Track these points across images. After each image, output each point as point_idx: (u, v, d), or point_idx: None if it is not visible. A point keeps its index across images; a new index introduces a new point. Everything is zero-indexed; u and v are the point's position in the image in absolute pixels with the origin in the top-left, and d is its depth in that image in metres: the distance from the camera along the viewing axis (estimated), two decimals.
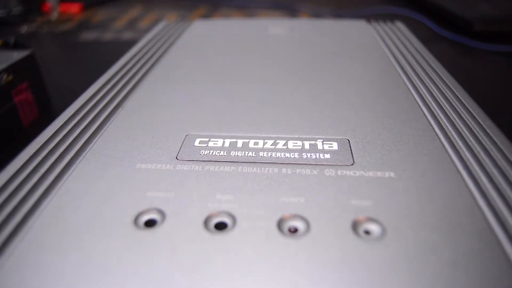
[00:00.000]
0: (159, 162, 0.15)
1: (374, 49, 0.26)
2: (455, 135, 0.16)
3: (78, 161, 0.15)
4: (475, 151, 0.15)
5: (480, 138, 0.16)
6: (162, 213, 0.12)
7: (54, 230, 0.12)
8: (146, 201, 0.13)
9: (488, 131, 0.16)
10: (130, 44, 0.41)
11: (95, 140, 0.16)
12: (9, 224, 0.12)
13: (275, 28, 0.31)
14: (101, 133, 0.17)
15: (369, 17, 0.46)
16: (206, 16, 0.52)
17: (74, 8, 0.52)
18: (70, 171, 0.14)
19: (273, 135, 0.16)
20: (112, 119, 0.18)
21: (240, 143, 0.16)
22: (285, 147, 0.15)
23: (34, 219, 0.12)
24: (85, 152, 0.15)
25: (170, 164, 0.14)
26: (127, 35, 0.44)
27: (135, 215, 0.12)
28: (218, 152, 0.15)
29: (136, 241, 0.11)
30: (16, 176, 0.14)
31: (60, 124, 0.17)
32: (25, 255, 0.11)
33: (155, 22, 0.48)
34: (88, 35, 0.44)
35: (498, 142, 0.15)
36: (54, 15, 0.48)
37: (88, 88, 0.21)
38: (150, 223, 0.12)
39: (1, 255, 0.11)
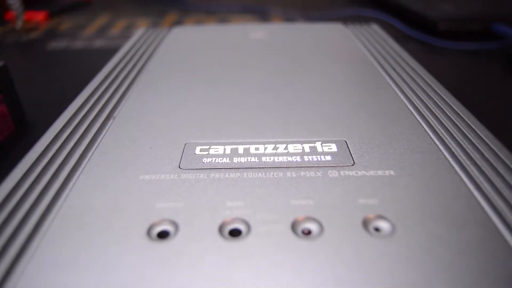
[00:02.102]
0: (163, 172, 0.14)
1: (355, 51, 0.27)
2: (443, 131, 0.17)
3: (77, 176, 0.14)
4: (464, 146, 0.16)
5: (466, 132, 0.17)
6: (174, 223, 0.12)
7: (63, 249, 0.11)
8: (156, 213, 0.12)
9: (472, 125, 0.17)
10: (103, 52, 0.40)
11: (91, 153, 0.16)
12: (12, 246, 0.11)
13: (255, 32, 0.31)
14: (95, 145, 0.16)
15: (339, 20, 0.47)
16: (178, 22, 0.51)
17: (39, 16, 0.50)
18: (70, 187, 0.14)
19: (272, 140, 0.16)
20: (104, 130, 0.17)
21: (241, 149, 0.16)
22: (286, 151, 0.16)
23: (39, 239, 0.12)
24: (82, 166, 0.15)
25: (174, 174, 0.14)
26: (99, 43, 0.43)
27: (147, 227, 0.12)
28: (220, 159, 0.15)
29: (154, 253, 0.11)
30: (12, 195, 0.13)
31: (51, 138, 0.17)
32: (35, 276, 0.10)
33: (126, 29, 0.47)
34: (57, 44, 0.42)
35: (482, 135, 0.16)
36: (19, 24, 0.46)
37: (74, 99, 0.20)
38: (163, 235, 0.12)
39: (10, 279, 0.10)
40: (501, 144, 0.16)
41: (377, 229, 0.12)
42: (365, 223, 0.12)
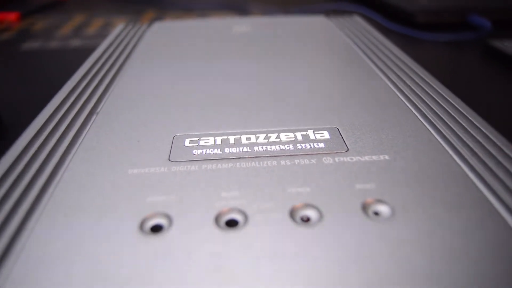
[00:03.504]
0: (152, 166, 0.14)
1: (339, 41, 0.27)
2: (433, 115, 0.17)
3: (61, 172, 0.14)
4: (454, 128, 0.16)
5: (455, 116, 0.17)
6: (168, 217, 0.12)
7: (51, 250, 0.11)
8: (148, 207, 0.12)
9: (459, 108, 0.17)
10: (79, 51, 0.39)
11: (75, 149, 0.15)
12: None
13: (239, 26, 0.31)
14: (79, 141, 0.16)
15: (319, 14, 0.47)
16: (156, 20, 0.50)
17: (11, 17, 0.48)
18: (54, 184, 0.13)
19: (263, 129, 0.16)
20: (88, 126, 0.17)
21: (232, 139, 0.15)
22: (278, 139, 0.15)
23: (24, 240, 0.11)
24: (67, 163, 0.14)
25: (164, 167, 0.14)
26: (75, 43, 0.41)
27: (140, 221, 0.11)
28: (211, 150, 0.15)
29: (148, 247, 0.10)
30: None
31: (31, 136, 0.16)
32: (23, 276, 0.10)
33: (103, 29, 0.46)
34: (31, 44, 0.41)
35: (470, 117, 0.16)
36: None
37: (54, 96, 0.19)
38: (157, 228, 0.11)
39: None
40: (489, 125, 0.16)
41: (376, 213, 0.12)
42: (364, 208, 0.12)
